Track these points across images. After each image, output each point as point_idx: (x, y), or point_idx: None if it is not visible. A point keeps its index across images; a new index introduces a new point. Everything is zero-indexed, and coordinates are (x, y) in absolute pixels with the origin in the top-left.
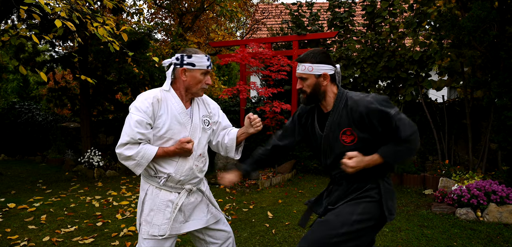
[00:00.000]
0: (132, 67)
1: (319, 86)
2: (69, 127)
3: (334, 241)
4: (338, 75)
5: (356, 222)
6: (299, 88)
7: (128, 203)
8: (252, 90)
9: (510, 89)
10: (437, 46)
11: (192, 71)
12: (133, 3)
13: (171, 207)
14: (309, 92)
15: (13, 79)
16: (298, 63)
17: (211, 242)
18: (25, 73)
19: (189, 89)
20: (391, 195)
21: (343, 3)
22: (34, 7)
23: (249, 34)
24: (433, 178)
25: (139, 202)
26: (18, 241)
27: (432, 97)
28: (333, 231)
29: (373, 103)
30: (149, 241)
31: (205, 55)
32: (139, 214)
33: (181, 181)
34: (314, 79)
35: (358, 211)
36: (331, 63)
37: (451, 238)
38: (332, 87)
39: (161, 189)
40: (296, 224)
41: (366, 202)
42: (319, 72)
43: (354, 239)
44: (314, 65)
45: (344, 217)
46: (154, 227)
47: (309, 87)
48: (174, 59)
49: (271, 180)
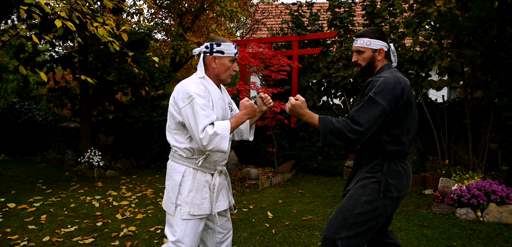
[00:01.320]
0: (132, 67)
1: (374, 60)
2: (69, 127)
3: (351, 222)
4: (393, 53)
5: (366, 202)
6: (354, 61)
7: (128, 203)
8: (252, 90)
9: (510, 89)
10: (437, 46)
11: (221, 59)
12: (133, 3)
13: (207, 187)
14: (363, 65)
15: (13, 79)
16: (356, 38)
17: (218, 231)
18: (25, 73)
19: (218, 76)
20: (396, 175)
21: (343, 3)
22: (34, 7)
23: (249, 34)
24: (433, 178)
25: (173, 185)
26: (18, 241)
27: (432, 97)
28: (348, 212)
29: (373, 83)
30: (189, 221)
31: (232, 43)
32: (174, 197)
33: (216, 161)
34: (371, 53)
35: (367, 192)
36: (386, 41)
37: (451, 238)
38: (383, 62)
39: (198, 170)
40: (296, 224)
41: (373, 182)
42: (376, 47)
43: (369, 219)
44: (372, 40)
45: (356, 199)
46: (194, 207)
47: (365, 60)
48: (204, 47)
49: (271, 180)
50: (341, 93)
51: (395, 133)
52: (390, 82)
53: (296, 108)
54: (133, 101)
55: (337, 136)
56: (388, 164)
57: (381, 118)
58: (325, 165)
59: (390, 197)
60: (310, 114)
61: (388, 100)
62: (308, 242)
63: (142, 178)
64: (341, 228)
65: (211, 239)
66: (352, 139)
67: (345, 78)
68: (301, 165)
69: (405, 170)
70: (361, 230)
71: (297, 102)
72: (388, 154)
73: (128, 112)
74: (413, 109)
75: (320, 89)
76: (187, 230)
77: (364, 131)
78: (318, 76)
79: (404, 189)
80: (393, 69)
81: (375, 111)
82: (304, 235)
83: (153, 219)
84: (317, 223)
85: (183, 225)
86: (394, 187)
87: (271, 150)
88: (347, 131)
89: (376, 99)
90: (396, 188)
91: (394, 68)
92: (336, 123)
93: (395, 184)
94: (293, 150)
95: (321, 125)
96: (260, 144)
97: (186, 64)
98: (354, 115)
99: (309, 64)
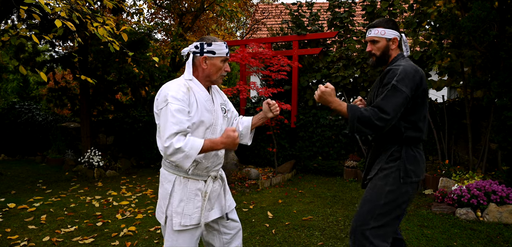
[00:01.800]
0: (132, 67)
1: (388, 49)
2: (69, 127)
3: (378, 213)
4: (404, 43)
5: (390, 192)
6: (369, 51)
7: (128, 203)
8: (252, 90)
9: (510, 89)
10: (437, 46)
11: (212, 59)
12: (133, 3)
13: (200, 195)
14: (378, 55)
15: (13, 79)
16: (369, 29)
17: (225, 232)
18: (25, 73)
19: (209, 77)
20: (413, 160)
21: (343, 3)
22: (34, 7)
23: (249, 34)
24: (433, 178)
25: (164, 194)
26: (18, 241)
27: (432, 97)
28: (373, 204)
29: (398, 68)
30: (181, 233)
31: (224, 42)
32: (164, 207)
33: (208, 167)
34: (385, 42)
35: (390, 182)
36: (398, 31)
37: (451, 238)
38: (396, 52)
39: (189, 178)
40: (296, 224)
41: (394, 171)
42: (390, 36)
43: (395, 208)
44: (386, 30)
45: (379, 189)
46: (185, 217)
47: (379, 50)
48: (193, 47)
49: (271, 180)
50: (341, 93)
51: (413, 119)
52: (410, 70)
53: (325, 95)
54: (133, 101)
55: (365, 123)
56: (406, 150)
57: (404, 105)
58: (325, 165)
59: (410, 182)
60: (338, 102)
61: (410, 88)
62: (308, 242)
63: (142, 178)
64: (369, 219)
65: (218, 240)
66: (379, 126)
67: (345, 78)
68: (301, 165)
69: (421, 155)
70: (389, 219)
71: (326, 89)
72: (405, 140)
73: (128, 112)
74: (427, 97)
75: None
76: (179, 241)
77: (391, 118)
78: (318, 76)
79: (421, 174)
80: (407, 59)
81: (399, 99)
82: (304, 235)
83: (153, 219)
84: (317, 223)
85: (175, 236)
86: (413, 172)
87: (271, 150)
88: (375, 119)
89: (399, 87)
90: (414, 173)
91: (407, 58)
92: (364, 111)
93: (413, 169)
94: (293, 150)
95: (349, 113)
96: (260, 144)
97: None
98: (380, 104)
99: (309, 64)
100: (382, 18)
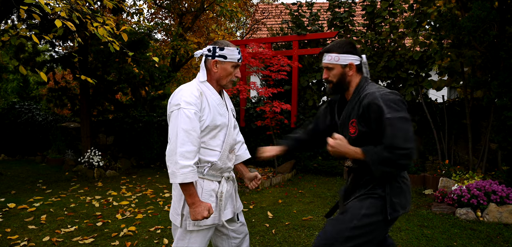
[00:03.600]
0: (132, 67)
1: (345, 76)
2: (69, 127)
3: (346, 235)
4: (364, 65)
5: (365, 216)
6: (325, 78)
7: (128, 203)
8: (252, 90)
9: (510, 89)
10: (437, 46)
11: (223, 64)
12: (133, 3)
13: (214, 196)
14: (335, 82)
15: (13, 79)
16: (324, 54)
17: (233, 236)
18: (25, 73)
19: (219, 81)
20: (399, 192)
21: (343, 3)
22: (34, 7)
23: (249, 34)
24: (433, 178)
25: (178, 195)
26: (18, 241)
27: (432, 97)
28: (344, 225)
29: (377, 99)
30: (195, 233)
31: (236, 48)
32: (179, 209)
33: (222, 169)
34: (340, 69)
35: (366, 206)
36: (357, 53)
37: (451, 238)
38: (357, 77)
39: (204, 178)
40: (296, 224)
41: (373, 198)
42: (345, 62)
43: (366, 233)
44: (340, 55)
45: (353, 211)
46: None
47: (335, 77)
48: (206, 50)
49: (271, 180)
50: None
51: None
52: (392, 95)
53: (340, 148)
54: (133, 101)
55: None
56: (390, 182)
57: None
58: (325, 165)
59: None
60: (353, 149)
61: (406, 109)
62: (308, 242)
63: (142, 178)
64: (334, 242)
65: (226, 244)
66: (404, 164)
67: None
68: (301, 165)
69: (406, 184)
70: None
71: (337, 142)
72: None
73: (128, 112)
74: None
75: (320, 89)
76: (191, 241)
77: (412, 148)
78: (318, 76)
79: (407, 205)
80: (373, 83)
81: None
82: (304, 235)
83: (153, 219)
84: (317, 223)
85: (188, 236)
86: (399, 205)
87: None
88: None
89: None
90: (401, 206)
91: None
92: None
93: (399, 202)
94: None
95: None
96: (260, 144)
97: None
98: (393, 142)
99: (309, 64)
100: (338, 40)
